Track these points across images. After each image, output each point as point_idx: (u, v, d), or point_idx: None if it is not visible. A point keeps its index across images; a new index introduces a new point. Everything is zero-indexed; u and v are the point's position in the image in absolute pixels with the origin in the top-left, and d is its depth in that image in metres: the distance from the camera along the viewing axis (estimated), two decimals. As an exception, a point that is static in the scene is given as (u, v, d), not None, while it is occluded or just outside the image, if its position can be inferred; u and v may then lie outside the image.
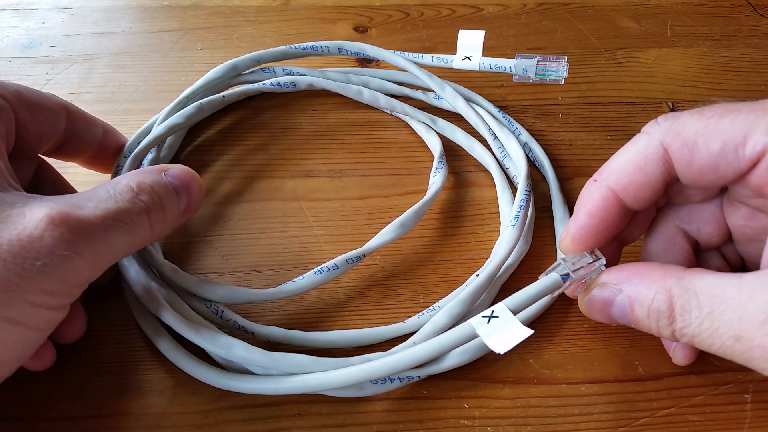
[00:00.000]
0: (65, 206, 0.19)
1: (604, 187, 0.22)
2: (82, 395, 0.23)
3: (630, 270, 0.21)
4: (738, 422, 0.24)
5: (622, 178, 0.21)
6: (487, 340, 0.20)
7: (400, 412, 0.24)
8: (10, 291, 0.17)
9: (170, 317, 0.23)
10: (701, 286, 0.19)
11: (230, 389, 0.23)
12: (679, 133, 0.20)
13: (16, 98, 0.22)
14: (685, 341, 0.20)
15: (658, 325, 0.20)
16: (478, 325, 0.20)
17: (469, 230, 0.30)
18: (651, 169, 0.21)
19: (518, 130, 0.33)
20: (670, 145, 0.21)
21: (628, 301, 0.20)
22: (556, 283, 0.21)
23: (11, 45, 0.38)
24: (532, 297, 0.21)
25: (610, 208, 0.22)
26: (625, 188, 0.21)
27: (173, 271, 0.26)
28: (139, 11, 0.41)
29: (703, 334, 0.19)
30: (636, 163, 0.21)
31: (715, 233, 0.23)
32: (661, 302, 0.19)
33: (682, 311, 0.19)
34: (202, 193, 0.24)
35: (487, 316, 0.20)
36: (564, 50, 0.39)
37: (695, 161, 0.20)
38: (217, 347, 0.23)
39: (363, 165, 0.32)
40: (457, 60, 0.32)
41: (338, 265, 0.26)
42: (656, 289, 0.20)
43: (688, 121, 0.20)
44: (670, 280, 0.19)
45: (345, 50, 0.34)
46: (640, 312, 0.20)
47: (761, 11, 0.43)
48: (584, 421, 0.24)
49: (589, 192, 0.22)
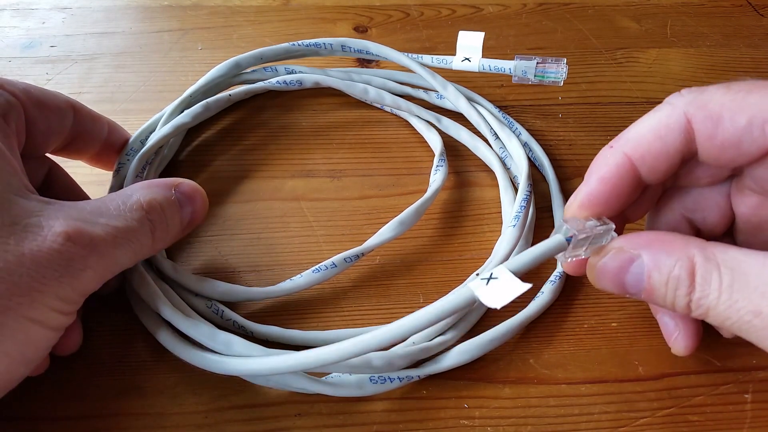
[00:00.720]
0: (79, 221, 0.20)
1: (620, 154, 0.21)
2: (82, 395, 0.23)
3: (650, 236, 0.20)
4: (738, 422, 0.24)
5: (640, 146, 0.21)
6: (483, 298, 0.19)
7: (400, 412, 0.24)
8: (32, 296, 0.19)
9: (170, 313, 0.24)
10: (725, 258, 0.18)
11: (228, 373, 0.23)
12: (704, 105, 0.20)
13: (25, 96, 0.23)
14: (699, 313, 0.19)
15: (676, 294, 0.19)
16: (476, 287, 0.20)
17: (470, 230, 0.30)
18: (671, 139, 0.20)
19: (518, 130, 0.33)
20: (693, 116, 0.20)
21: (646, 267, 0.19)
22: (559, 244, 0.20)
23: (11, 45, 0.38)
24: (533, 259, 0.20)
25: (624, 175, 0.21)
26: (642, 156, 0.21)
27: (173, 269, 0.26)
28: (139, 11, 0.41)
29: (720, 307, 0.18)
30: (656, 132, 0.20)
31: (719, 222, 0.23)
32: (683, 270, 0.19)
33: (702, 281, 0.18)
34: (205, 207, 0.25)
35: (486, 278, 0.20)
36: (564, 50, 0.39)
37: (719, 135, 0.19)
38: (216, 344, 0.23)
39: (363, 165, 0.32)
40: (457, 61, 0.32)
41: (336, 263, 0.26)
42: (678, 257, 0.19)
43: (714, 94, 0.20)
44: (693, 249, 0.19)
45: (348, 48, 0.33)
46: (657, 279, 0.19)
47: (761, 11, 0.43)
48: (584, 421, 0.24)
49: (604, 157, 0.21)
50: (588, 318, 0.27)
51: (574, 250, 0.20)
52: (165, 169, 0.31)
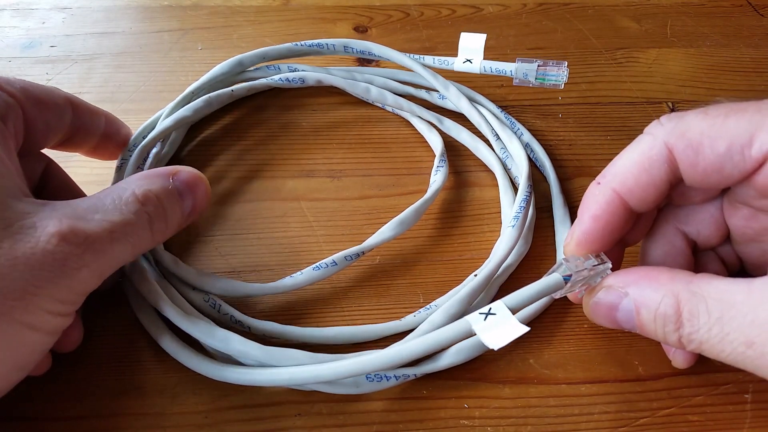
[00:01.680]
0: (73, 219, 0.20)
1: (608, 190, 0.21)
2: (82, 395, 0.23)
3: (637, 273, 0.20)
4: (738, 422, 0.24)
5: (627, 181, 0.21)
6: (483, 336, 0.20)
7: (399, 412, 0.24)
8: (26, 299, 0.18)
9: (168, 309, 0.24)
10: (710, 291, 0.19)
11: (225, 380, 0.23)
12: (683, 134, 0.20)
13: (23, 95, 0.22)
14: (692, 348, 0.19)
15: (665, 330, 0.19)
16: (474, 322, 0.20)
17: (469, 230, 0.30)
18: (656, 170, 0.21)
19: (520, 131, 0.33)
20: (674, 146, 0.20)
21: (634, 305, 0.20)
22: (557, 283, 0.21)
23: (11, 45, 0.38)
24: (531, 296, 0.21)
25: (614, 211, 0.21)
26: (630, 190, 0.21)
27: (173, 263, 0.26)
28: (139, 11, 0.41)
29: (712, 340, 0.18)
30: (640, 165, 0.21)
31: (714, 234, 0.23)
32: (669, 306, 0.19)
33: (690, 316, 0.19)
34: (208, 196, 0.24)
35: (485, 313, 0.20)
36: (564, 50, 0.39)
37: (700, 162, 0.20)
38: (214, 340, 0.23)
39: (363, 165, 0.32)
40: (458, 63, 0.32)
41: (336, 261, 0.26)
42: (663, 293, 0.19)
43: (693, 121, 0.20)
44: (678, 285, 0.19)
45: (351, 48, 0.34)
46: (646, 316, 0.20)
47: (761, 11, 0.43)
48: (584, 421, 0.24)
49: (593, 195, 0.22)
50: (588, 318, 0.27)
51: (572, 287, 0.21)
52: (165, 168, 0.31)
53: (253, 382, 0.23)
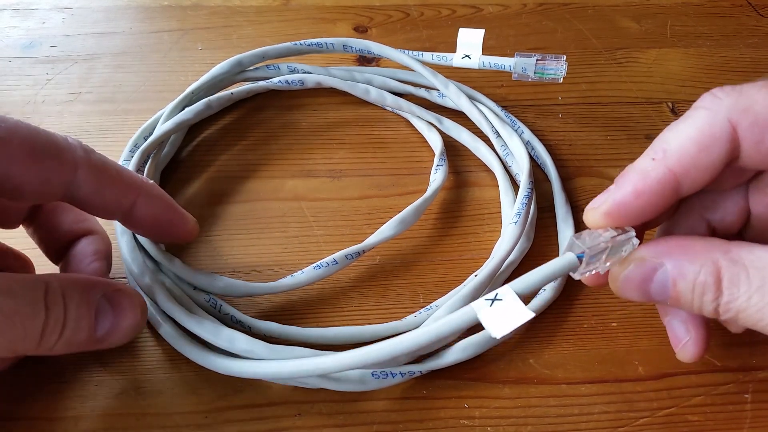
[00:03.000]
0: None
1: (662, 167, 0.19)
2: (82, 395, 0.23)
3: (670, 243, 0.19)
4: (738, 422, 0.24)
5: (684, 160, 0.19)
6: (486, 323, 0.19)
7: (400, 411, 0.24)
8: None
9: (173, 308, 0.24)
10: (751, 259, 0.18)
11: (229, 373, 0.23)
12: (748, 108, 0.18)
13: None
14: (728, 317, 0.18)
15: (702, 300, 0.18)
16: (479, 308, 0.19)
17: (469, 230, 0.30)
18: (717, 149, 0.19)
19: (521, 129, 0.33)
20: (738, 123, 0.18)
21: (671, 275, 0.19)
22: (571, 263, 0.19)
23: (11, 45, 0.38)
24: (542, 279, 0.19)
25: (663, 191, 0.19)
26: (687, 171, 0.19)
27: (174, 263, 0.26)
28: (139, 11, 0.41)
29: (750, 309, 0.18)
30: (700, 143, 0.19)
31: (737, 221, 0.22)
32: (708, 275, 0.18)
33: (729, 285, 0.18)
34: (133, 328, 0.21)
35: (491, 299, 0.19)
36: (564, 50, 0.39)
37: (766, 140, 0.18)
38: (220, 340, 0.23)
39: (363, 165, 0.32)
40: (457, 58, 0.32)
41: (337, 260, 0.26)
42: (702, 262, 0.18)
43: (756, 95, 0.18)
44: (716, 252, 0.18)
45: (350, 47, 0.34)
46: (683, 286, 0.19)
47: (761, 11, 0.43)
48: (584, 421, 0.24)
49: (643, 169, 0.19)
50: (588, 318, 0.27)
51: (588, 266, 0.19)
52: (166, 168, 0.31)
53: (257, 375, 0.23)
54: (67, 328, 0.19)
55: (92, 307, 0.20)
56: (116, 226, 0.26)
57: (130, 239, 0.26)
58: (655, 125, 0.35)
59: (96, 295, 0.20)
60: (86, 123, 0.33)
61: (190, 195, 0.30)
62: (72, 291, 0.20)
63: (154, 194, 0.23)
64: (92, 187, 0.21)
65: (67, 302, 0.19)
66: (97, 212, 0.23)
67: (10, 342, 0.18)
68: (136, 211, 0.23)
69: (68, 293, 0.19)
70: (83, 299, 0.20)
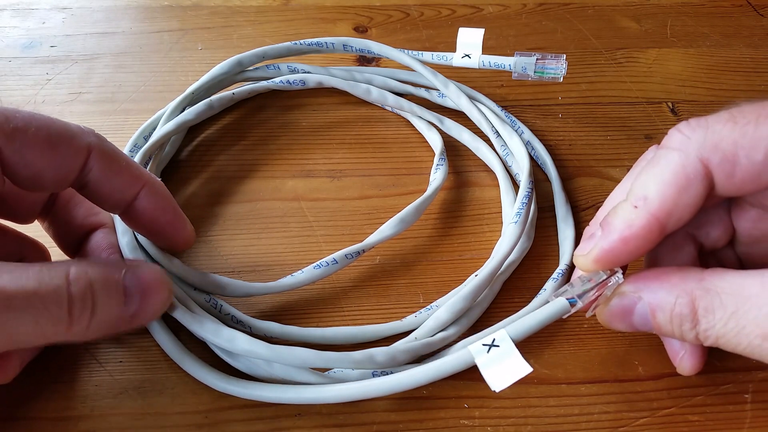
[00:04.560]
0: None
1: (645, 214, 0.20)
2: (82, 395, 0.23)
3: (647, 276, 0.20)
4: (738, 422, 0.24)
5: (666, 204, 0.20)
6: (485, 373, 0.20)
7: (400, 412, 0.24)
8: None
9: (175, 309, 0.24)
10: (723, 286, 0.18)
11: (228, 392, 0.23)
12: (716, 145, 0.19)
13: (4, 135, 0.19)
14: (710, 343, 0.19)
15: (682, 329, 0.19)
16: (477, 354, 0.20)
17: (470, 230, 0.30)
18: (694, 189, 0.19)
19: (521, 129, 0.33)
20: (709, 160, 0.19)
21: (649, 308, 0.20)
22: (563, 308, 0.21)
23: (11, 45, 0.38)
24: (536, 324, 0.21)
25: (649, 235, 0.20)
26: (670, 213, 0.20)
27: (174, 263, 0.26)
28: (139, 11, 0.41)
29: (729, 335, 0.18)
30: (677, 186, 0.19)
31: (722, 236, 0.23)
32: (683, 306, 0.19)
33: (705, 312, 0.19)
34: (163, 303, 0.21)
35: (488, 344, 0.20)
36: (564, 50, 0.39)
37: (737, 174, 0.19)
38: (221, 339, 0.23)
39: (363, 165, 0.32)
40: (457, 58, 0.32)
41: (337, 260, 0.26)
42: (677, 293, 0.19)
43: (722, 131, 0.19)
44: (690, 283, 0.19)
45: (350, 47, 0.34)
46: (662, 318, 0.20)
47: (761, 11, 0.43)
48: (584, 421, 0.24)
49: (627, 217, 0.20)
50: (588, 318, 0.27)
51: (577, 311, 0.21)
52: (166, 168, 0.31)
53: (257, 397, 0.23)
54: (97, 308, 0.19)
55: (119, 284, 0.20)
56: (117, 226, 0.26)
57: (131, 239, 0.25)
58: (655, 125, 0.35)
59: (120, 272, 0.20)
60: (86, 123, 0.32)
61: (190, 195, 0.30)
62: (96, 271, 0.19)
63: (159, 190, 0.23)
64: (102, 173, 0.21)
65: (93, 283, 0.19)
66: (103, 202, 0.23)
67: (37, 326, 0.18)
68: (138, 204, 0.23)
69: (92, 274, 0.19)
70: (109, 278, 0.20)
